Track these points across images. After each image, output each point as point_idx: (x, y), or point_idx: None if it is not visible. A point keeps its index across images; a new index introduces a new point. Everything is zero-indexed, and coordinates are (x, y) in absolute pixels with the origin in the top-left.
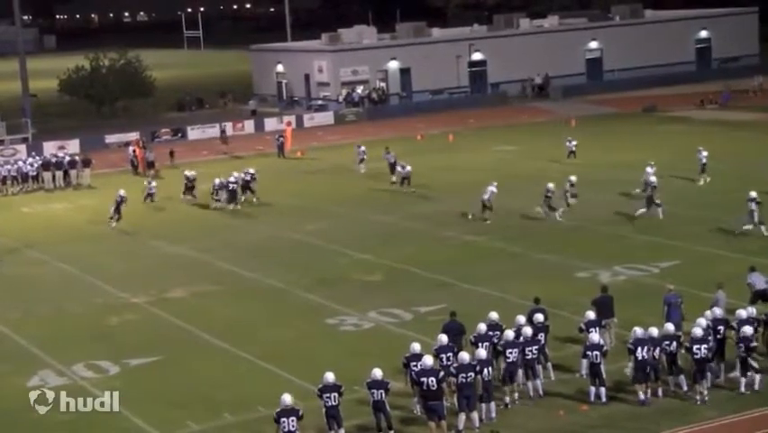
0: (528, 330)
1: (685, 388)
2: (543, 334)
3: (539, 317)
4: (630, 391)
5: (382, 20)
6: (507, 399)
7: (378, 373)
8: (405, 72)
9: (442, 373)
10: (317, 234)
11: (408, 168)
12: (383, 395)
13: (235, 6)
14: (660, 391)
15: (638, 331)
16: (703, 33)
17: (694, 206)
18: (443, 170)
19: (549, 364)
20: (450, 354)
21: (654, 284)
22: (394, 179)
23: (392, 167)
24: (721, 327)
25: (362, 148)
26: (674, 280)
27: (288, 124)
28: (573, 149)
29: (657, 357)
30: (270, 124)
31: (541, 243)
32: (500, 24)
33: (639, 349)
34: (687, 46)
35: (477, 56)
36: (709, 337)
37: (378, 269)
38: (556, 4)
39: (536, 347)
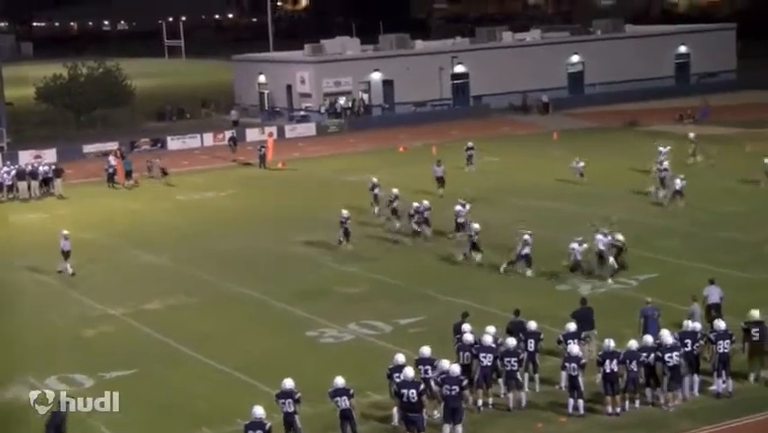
0: (511, 341)
1: (662, 400)
2: (533, 342)
3: (532, 325)
4: (608, 403)
5: (365, 31)
6: (480, 401)
7: (340, 381)
8: (387, 84)
9: (422, 386)
10: (300, 245)
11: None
12: (347, 402)
13: (217, 16)
14: (637, 403)
15: (607, 343)
16: (682, 49)
17: (672, 219)
18: (426, 181)
19: (537, 376)
20: (428, 366)
21: (633, 297)
22: (441, 192)
23: (440, 180)
24: (688, 341)
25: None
26: (652, 293)
27: (270, 134)
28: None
29: (636, 370)
30: (252, 134)
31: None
32: (483, 37)
33: (608, 362)
34: (666, 61)
35: (459, 68)
36: (681, 346)
37: (361, 281)
38: (537, 20)
39: (515, 359)
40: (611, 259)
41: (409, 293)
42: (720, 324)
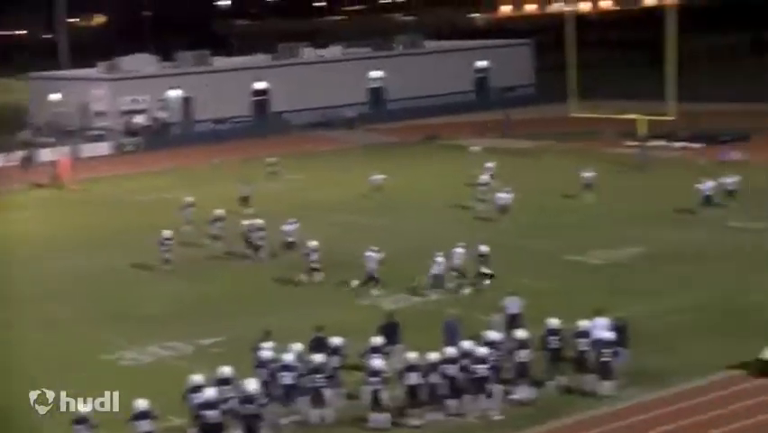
0: (317, 357)
1: (467, 410)
2: (337, 357)
3: (337, 341)
4: (411, 415)
5: (164, 48)
6: (282, 421)
7: (141, 404)
8: (187, 101)
9: (223, 406)
10: (101, 267)
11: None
12: (149, 426)
13: (9, 32)
14: (440, 414)
15: (412, 356)
16: (482, 63)
17: (485, 232)
18: (230, 200)
19: (341, 391)
20: (229, 386)
21: (436, 310)
22: (250, 210)
23: (245, 199)
24: (493, 350)
25: None
26: (455, 305)
27: (65, 155)
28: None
29: (437, 381)
30: (46, 154)
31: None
32: (285, 54)
33: (410, 375)
34: (466, 76)
35: (261, 85)
36: (490, 357)
37: (167, 302)
38: (341, 37)
39: (321, 376)
40: (482, 268)
41: (215, 313)
42: (520, 333)
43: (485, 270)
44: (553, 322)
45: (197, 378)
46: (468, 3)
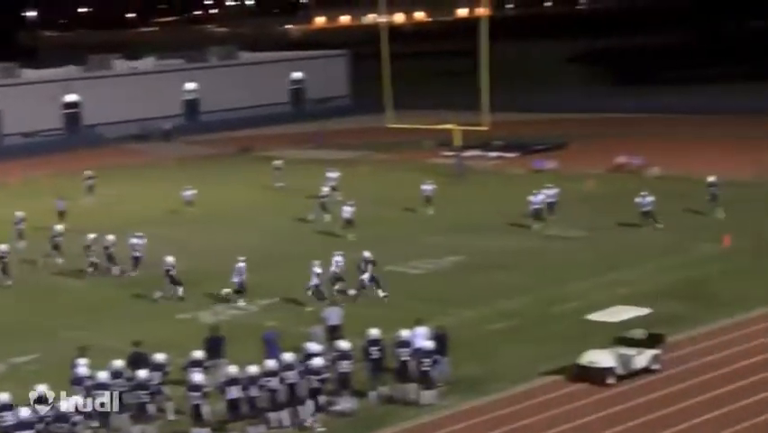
0: (141, 373)
1: (287, 423)
2: (159, 373)
3: (159, 357)
4: (233, 429)
5: None
6: None
7: None
8: None
9: (38, 426)
10: None
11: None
12: None
13: None
14: (262, 427)
15: (232, 370)
16: (297, 75)
17: (290, 244)
18: (47, 214)
19: (170, 404)
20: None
21: (255, 322)
22: (64, 225)
23: (62, 214)
24: (317, 360)
25: None
26: (274, 318)
27: None
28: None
29: (257, 394)
30: None
31: (140, 285)
32: (96, 65)
33: (230, 388)
34: (282, 87)
35: (72, 97)
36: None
37: None
38: (153, 49)
39: (146, 392)
40: (367, 275)
41: (34, 329)
42: (342, 344)
43: (366, 277)
44: (374, 332)
45: (4, 396)
46: (283, 14)
